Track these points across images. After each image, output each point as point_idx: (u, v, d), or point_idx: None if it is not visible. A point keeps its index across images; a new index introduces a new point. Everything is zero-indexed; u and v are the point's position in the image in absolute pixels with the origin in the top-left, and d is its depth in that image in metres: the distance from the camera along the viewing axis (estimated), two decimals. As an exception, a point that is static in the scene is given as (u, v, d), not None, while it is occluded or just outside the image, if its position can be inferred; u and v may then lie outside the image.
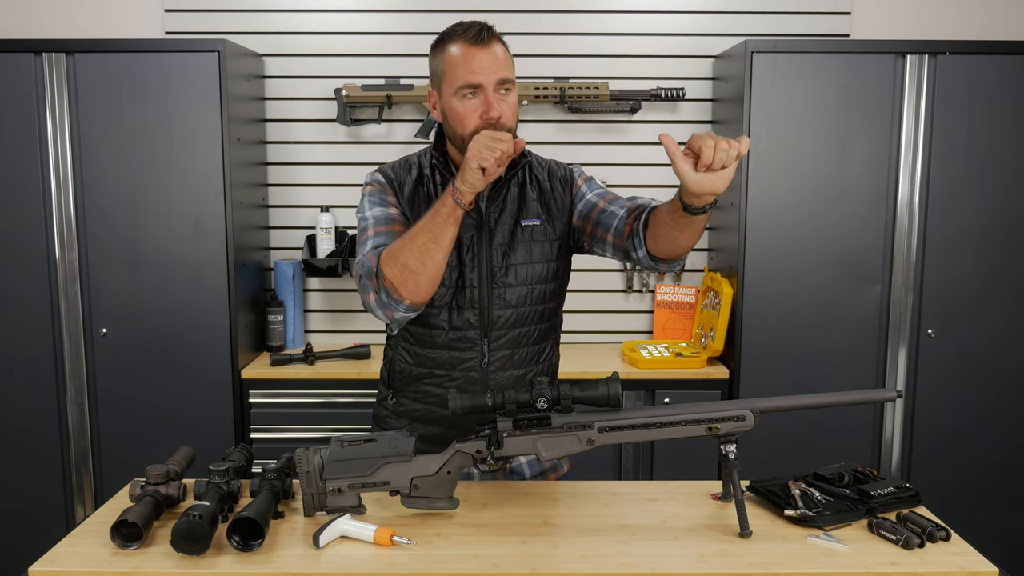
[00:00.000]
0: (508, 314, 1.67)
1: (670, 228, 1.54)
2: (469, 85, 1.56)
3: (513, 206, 1.70)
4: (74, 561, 1.34)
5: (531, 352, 1.72)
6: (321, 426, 2.82)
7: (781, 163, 2.80)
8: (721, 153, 1.37)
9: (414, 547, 1.37)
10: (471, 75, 1.56)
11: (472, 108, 1.57)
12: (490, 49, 1.57)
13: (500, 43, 1.61)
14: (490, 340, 1.67)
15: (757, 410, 1.44)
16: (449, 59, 1.59)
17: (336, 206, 3.14)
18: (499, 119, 1.56)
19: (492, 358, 1.67)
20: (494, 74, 1.56)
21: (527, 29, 3.12)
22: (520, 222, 1.69)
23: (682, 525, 1.46)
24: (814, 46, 2.82)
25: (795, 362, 2.85)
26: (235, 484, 1.51)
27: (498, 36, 1.61)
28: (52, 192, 2.77)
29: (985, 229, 2.83)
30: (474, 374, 1.67)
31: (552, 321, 1.77)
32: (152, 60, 2.73)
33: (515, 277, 1.67)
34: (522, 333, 1.69)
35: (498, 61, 1.58)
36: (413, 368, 1.70)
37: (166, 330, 2.81)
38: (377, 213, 1.66)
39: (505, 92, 1.59)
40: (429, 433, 1.68)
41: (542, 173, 1.76)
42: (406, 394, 1.73)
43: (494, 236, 1.67)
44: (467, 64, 1.56)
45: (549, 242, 1.71)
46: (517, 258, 1.68)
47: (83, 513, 2.87)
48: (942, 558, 1.34)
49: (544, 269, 1.71)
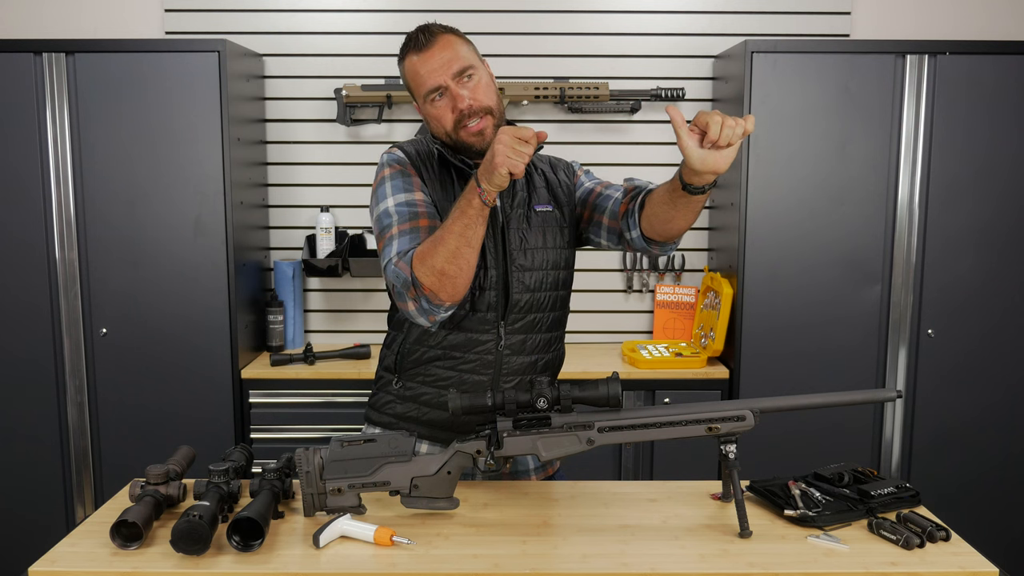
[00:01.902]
0: (526, 298, 1.67)
1: (668, 208, 1.55)
2: (432, 90, 1.63)
3: (523, 192, 1.72)
4: (74, 561, 1.34)
5: (543, 339, 1.72)
6: (321, 426, 2.82)
7: (781, 163, 2.80)
8: (728, 130, 1.39)
9: (414, 547, 1.37)
10: (429, 81, 1.62)
11: (443, 108, 1.64)
12: (436, 50, 1.62)
13: (446, 34, 1.64)
14: (507, 323, 1.67)
15: (757, 410, 1.44)
16: (408, 72, 1.66)
17: (336, 206, 3.14)
18: (471, 106, 1.61)
19: (508, 341, 1.67)
20: (448, 70, 1.61)
21: (527, 29, 3.12)
22: (534, 207, 1.71)
23: (682, 525, 1.46)
24: (814, 46, 2.82)
25: (795, 362, 2.85)
26: (235, 484, 1.50)
27: (441, 30, 1.65)
28: (52, 192, 2.77)
29: (985, 229, 2.83)
30: (489, 357, 1.67)
31: (563, 311, 1.78)
32: (152, 60, 2.73)
33: (532, 260, 1.68)
34: (537, 319, 1.70)
35: (448, 56, 1.61)
36: (427, 350, 1.69)
37: (166, 330, 2.81)
38: (401, 203, 1.62)
39: (468, 78, 1.62)
40: (436, 418, 1.68)
41: (544, 164, 1.80)
42: (414, 378, 1.71)
43: (510, 220, 1.68)
44: (422, 72, 1.62)
45: (560, 228, 1.74)
46: (533, 242, 1.69)
47: (83, 513, 2.87)
48: (942, 558, 1.34)
49: (558, 255, 1.72)
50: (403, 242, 1.58)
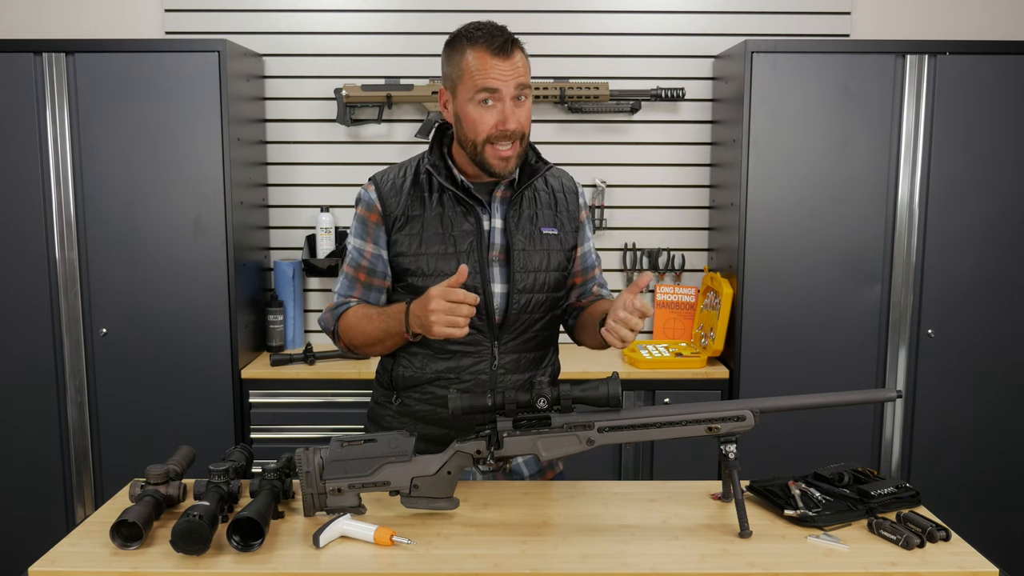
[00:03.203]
0: (523, 319, 1.68)
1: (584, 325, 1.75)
2: (487, 89, 1.57)
3: (530, 211, 1.71)
4: (74, 561, 1.34)
5: (536, 357, 1.73)
6: (321, 426, 2.82)
7: (781, 163, 2.80)
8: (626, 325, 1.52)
9: (414, 547, 1.37)
10: (490, 80, 1.56)
11: (488, 115, 1.58)
12: (512, 59, 1.58)
13: (522, 51, 1.62)
14: (500, 344, 1.67)
15: (757, 410, 1.44)
16: (468, 64, 1.58)
17: (336, 206, 3.14)
18: (515, 130, 1.59)
19: (501, 361, 1.67)
20: (514, 80, 1.57)
21: (527, 29, 3.12)
22: (540, 229, 1.71)
23: (682, 525, 1.46)
24: (814, 46, 2.82)
25: (795, 362, 2.85)
26: (235, 484, 1.50)
27: (520, 45, 1.62)
28: (52, 192, 2.77)
29: (985, 229, 2.83)
30: (483, 377, 1.67)
31: (556, 327, 1.78)
32: (152, 60, 2.73)
33: (533, 282, 1.68)
34: (530, 338, 1.70)
35: (517, 69, 1.58)
36: (421, 373, 1.70)
37: (166, 330, 2.81)
38: (354, 247, 1.72)
39: (522, 99, 1.60)
40: (432, 433, 1.68)
41: (555, 181, 1.79)
42: (411, 395, 1.72)
43: (515, 241, 1.67)
44: (488, 71, 1.56)
45: (563, 252, 1.74)
46: (536, 264, 1.69)
47: (83, 513, 2.87)
48: (942, 558, 1.34)
49: (558, 277, 1.73)
50: (343, 285, 1.75)
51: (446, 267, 1.63)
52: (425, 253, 1.65)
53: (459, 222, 1.66)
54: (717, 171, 3.10)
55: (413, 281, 1.66)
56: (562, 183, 1.79)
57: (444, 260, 1.64)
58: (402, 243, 1.67)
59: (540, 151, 1.74)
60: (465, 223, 1.65)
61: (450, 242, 1.65)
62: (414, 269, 1.66)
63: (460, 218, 1.66)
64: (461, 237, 1.65)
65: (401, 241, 1.67)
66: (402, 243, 1.67)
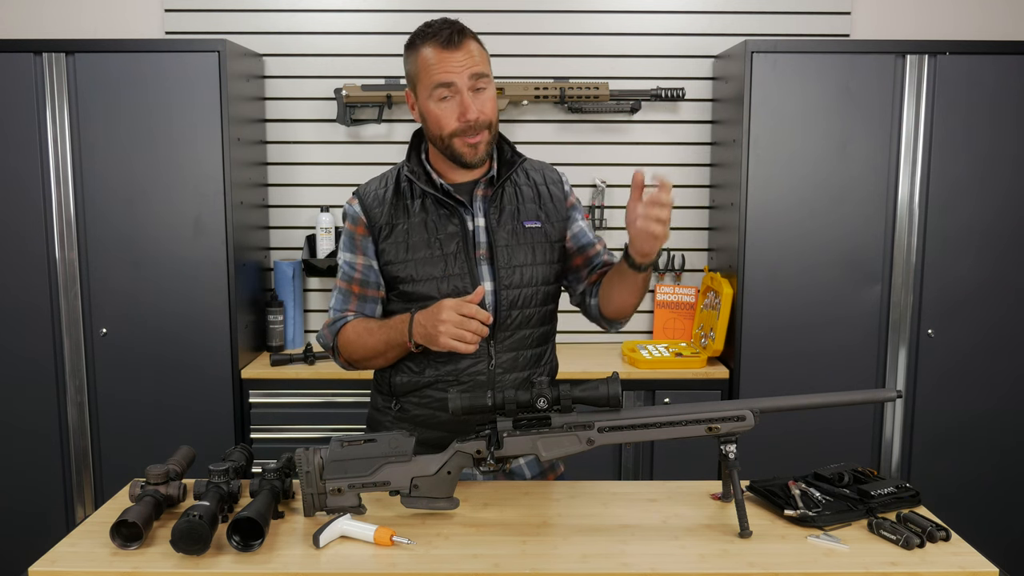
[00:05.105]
0: (515, 315, 1.67)
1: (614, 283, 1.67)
2: (443, 84, 1.58)
3: (511, 206, 1.71)
4: (74, 561, 1.34)
5: (534, 354, 1.72)
6: (321, 426, 2.82)
7: (781, 163, 2.80)
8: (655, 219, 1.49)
9: (414, 547, 1.37)
10: (444, 74, 1.57)
11: (449, 110, 1.60)
12: (463, 49, 1.59)
13: (474, 40, 1.62)
14: (496, 343, 1.67)
15: (757, 410, 1.44)
16: (422, 61, 1.60)
17: (336, 206, 3.14)
18: (478, 119, 1.59)
19: (499, 361, 1.67)
20: (467, 70, 1.58)
21: (527, 29, 3.12)
22: (523, 223, 1.70)
23: (682, 525, 1.46)
24: (814, 46, 2.82)
25: (795, 362, 2.85)
26: (235, 484, 1.50)
27: (471, 35, 1.62)
28: (52, 192, 2.77)
29: (985, 229, 2.83)
30: (481, 378, 1.67)
31: (552, 324, 1.78)
32: (152, 60, 2.73)
33: (521, 278, 1.67)
34: (526, 335, 1.70)
35: (472, 58, 1.59)
36: (419, 378, 1.70)
37: (166, 330, 2.81)
38: (345, 261, 1.73)
39: (482, 88, 1.60)
40: (431, 437, 1.68)
41: (537, 175, 1.78)
42: (410, 400, 1.72)
43: (497, 238, 1.67)
44: (440, 65, 1.58)
45: (550, 244, 1.73)
46: (521, 259, 1.68)
47: (83, 513, 2.87)
48: (942, 558, 1.34)
49: (547, 271, 1.72)
50: (338, 300, 1.75)
51: (435, 271, 1.64)
52: (412, 259, 1.66)
53: (443, 225, 1.66)
54: (717, 171, 3.11)
55: (404, 288, 1.67)
56: (545, 176, 1.78)
57: (432, 264, 1.65)
58: (389, 252, 1.67)
59: (516, 146, 1.74)
60: (450, 225, 1.66)
61: (436, 246, 1.65)
62: (403, 276, 1.66)
63: (444, 221, 1.66)
64: (447, 239, 1.65)
65: (388, 250, 1.67)
66: (389, 252, 1.67)
